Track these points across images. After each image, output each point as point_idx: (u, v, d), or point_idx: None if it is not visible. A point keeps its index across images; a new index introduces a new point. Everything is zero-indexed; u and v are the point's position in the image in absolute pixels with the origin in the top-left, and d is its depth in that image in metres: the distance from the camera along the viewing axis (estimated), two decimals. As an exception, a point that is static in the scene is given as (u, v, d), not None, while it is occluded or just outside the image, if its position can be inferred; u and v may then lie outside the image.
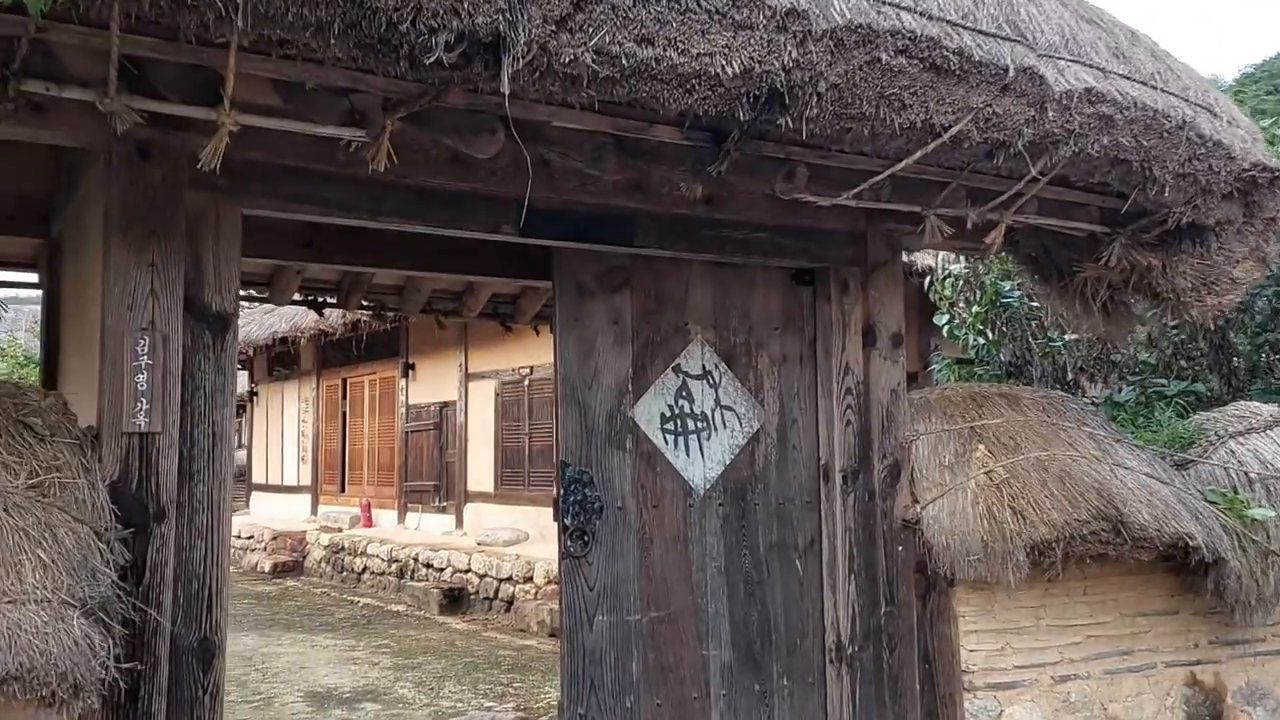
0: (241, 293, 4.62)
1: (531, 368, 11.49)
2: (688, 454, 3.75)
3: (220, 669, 2.80)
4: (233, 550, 15.77)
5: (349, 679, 7.56)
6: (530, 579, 9.94)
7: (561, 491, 3.50)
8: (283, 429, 17.14)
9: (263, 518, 16.74)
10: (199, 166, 2.64)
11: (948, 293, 7.73)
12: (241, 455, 19.95)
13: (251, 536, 15.26)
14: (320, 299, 4.82)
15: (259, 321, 16.09)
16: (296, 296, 4.81)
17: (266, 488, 17.62)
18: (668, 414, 3.74)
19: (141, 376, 2.65)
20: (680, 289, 3.81)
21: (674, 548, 3.70)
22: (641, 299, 3.73)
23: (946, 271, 7.77)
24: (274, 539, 14.53)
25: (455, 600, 10.52)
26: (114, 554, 2.51)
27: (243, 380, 21.38)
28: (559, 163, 3.29)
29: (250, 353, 16.32)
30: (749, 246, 3.77)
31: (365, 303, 4.94)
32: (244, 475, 19.01)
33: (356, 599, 11.49)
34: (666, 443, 3.73)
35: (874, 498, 3.96)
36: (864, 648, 3.88)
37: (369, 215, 3.12)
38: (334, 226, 3.63)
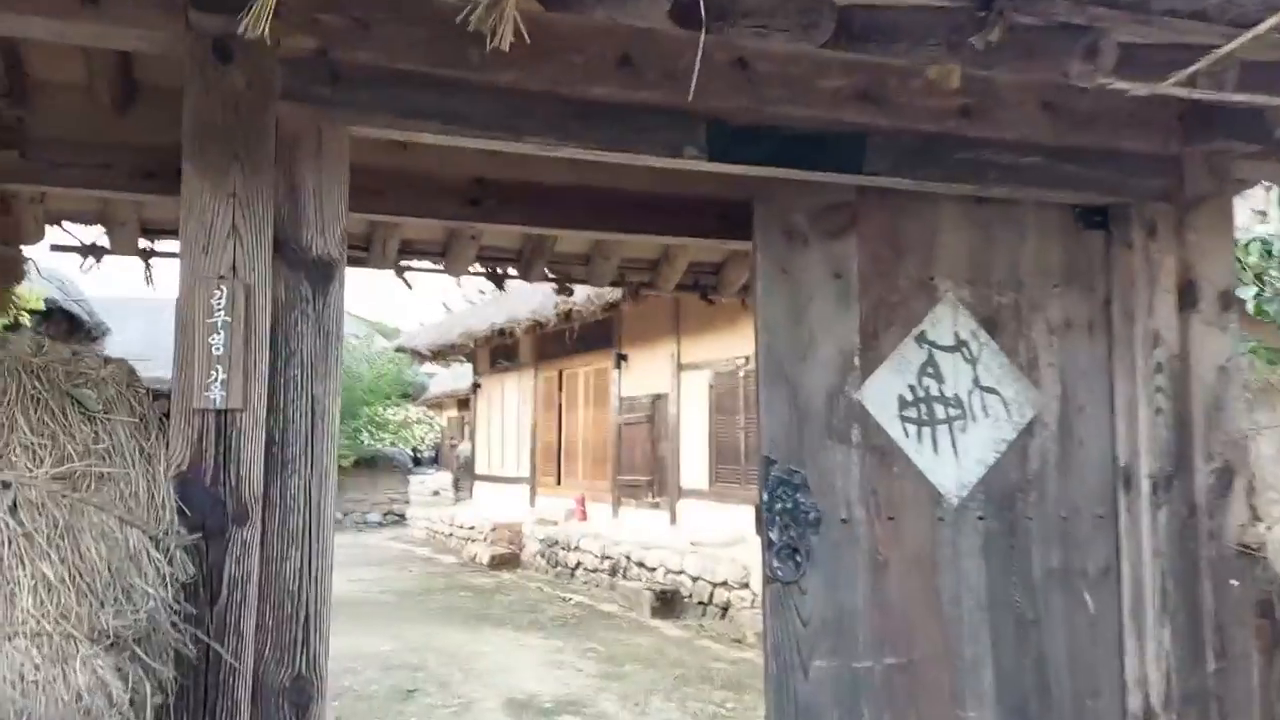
0: (413, 263, 4.12)
1: (746, 358, 10.68)
2: (935, 450, 2.84)
3: (320, 717, 2.19)
4: (454, 540, 16.02)
5: (551, 685, 7.05)
6: (746, 585, 9.14)
7: (765, 496, 2.69)
8: (503, 420, 17.20)
9: (485, 509, 16.84)
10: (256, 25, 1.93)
11: (1254, 260, 6.30)
12: (467, 446, 20.33)
13: (473, 527, 15.33)
14: (500, 269, 4.25)
15: (479, 314, 16.20)
16: (475, 267, 4.25)
17: (489, 478, 17.75)
18: (908, 397, 2.85)
19: (217, 338, 2.08)
20: (924, 233, 2.91)
21: (917, 574, 2.80)
22: (871, 246, 2.85)
23: (1250, 234, 6.35)
24: (493, 530, 14.47)
25: (668, 603, 9.88)
26: (174, 565, 1.93)
27: (467, 372, 21.83)
28: (762, 65, 2.48)
29: (472, 344, 16.45)
30: (1019, 174, 2.81)
31: (549, 274, 4.33)
32: (469, 466, 19.33)
33: (568, 596, 11.09)
34: (907, 435, 2.84)
35: (1196, 513, 2.91)
36: (1184, 716, 2.83)
37: (509, 134, 2.42)
38: (503, 183, 2.99)
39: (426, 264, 4.10)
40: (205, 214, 2.11)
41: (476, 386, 18.37)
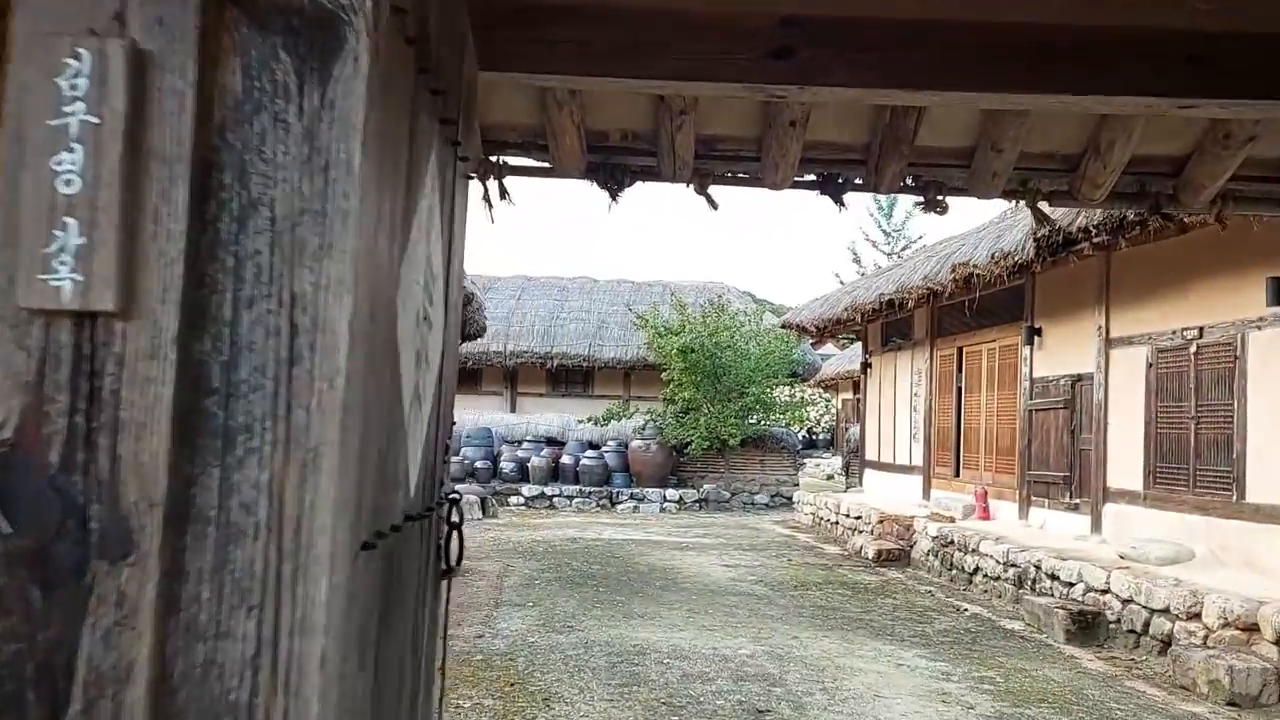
0: (718, 167, 3.09)
1: (1200, 328, 8.51)
2: None
3: None
4: (839, 529, 14.93)
5: (931, 727, 5.80)
6: (1197, 615, 7.17)
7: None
8: (895, 403, 15.79)
9: (873, 498, 15.58)
10: None
11: None
12: (857, 430, 19.11)
13: (859, 517, 14.15)
14: (839, 176, 3.08)
15: (866, 284, 14.94)
16: (799, 178, 3.13)
17: (879, 465, 16.44)
18: None
19: (70, 159, 1.13)
20: None
21: None
22: None
23: None
24: (880, 523, 13.20)
25: (1087, 627, 8.09)
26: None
27: (857, 350, 20.58)
28: None
29: (860, 319, 15.23)
30: None
31: (908, 181, 3.08)
32: (859, 451, 18.13)
33: (963, 605, 9.59)
34: None
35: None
36: None
37: None
38: (824, 23, 1.88)
39: (735, 172, 3.06)
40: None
41: (866, 366, 17.10)
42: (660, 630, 7.96)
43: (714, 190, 3.24)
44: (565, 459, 19.56)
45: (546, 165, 3.08)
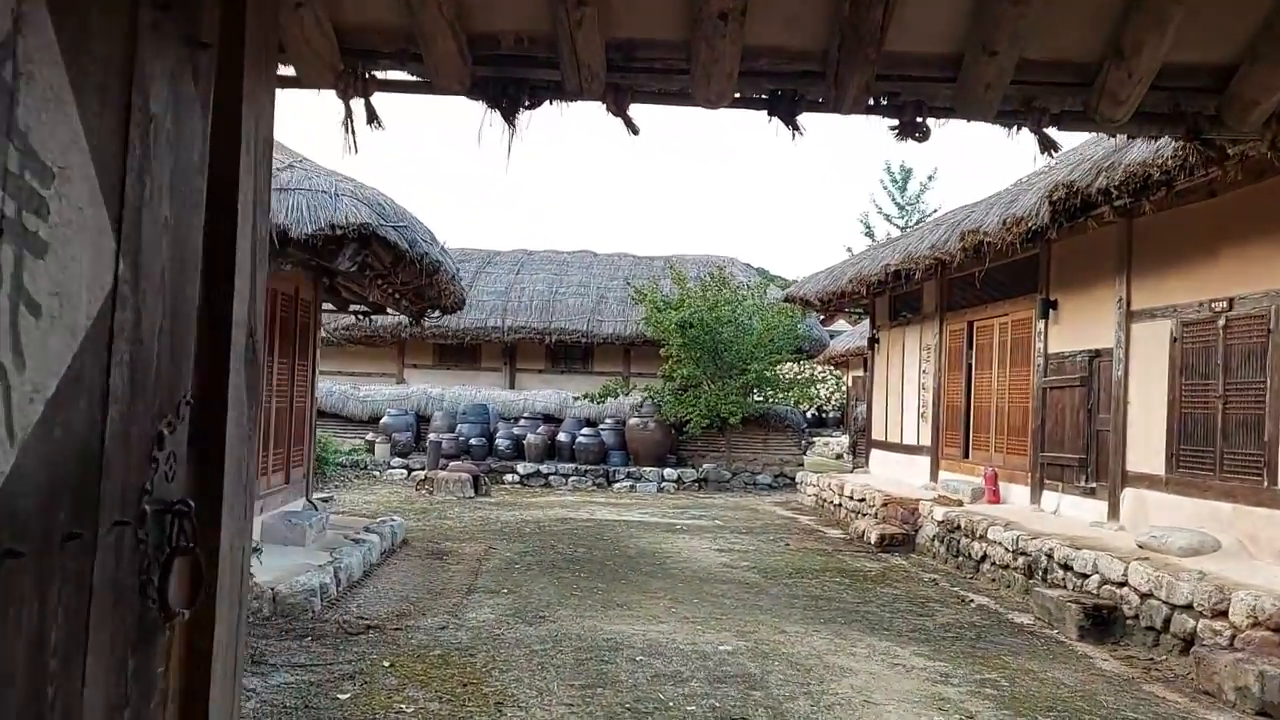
0: (638, 81, 2.45)
1: (1230, 300, 7.81)
2: None
3: None
4: (842, 512, 14.30)
5: (919, 740, 5.21)
6: (1224, 613, 6.53)
7: None
8: (902, 379, 15.12)
9: (878, 479, 14.94)
10: None
11: None
12: (863, 409, 18.45)
13: (863, 499, 13.53)
14: (793, 91, 2.40)
15: (872, 255, 14.26)
16: (742, 96, 2.47)
17: (885, 445, 15.80)
18: None
19: None
20: None
21: None
22: None
23: None
24: (884, 506, 12.57)
25: (1101, 623, 7.46)
26: None
27: (864, 326, 19.87)
28: None
29: (866, 291, 14.54)
30: None
31: (878, 98, 2.41)
32: (865, 430, 17.50)
33: (969, 596, 8.97)
34: None
35: None
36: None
37: None
38: None
39: (660, 87, 2.40)
40: None
41: (874, 342, 16.42)
42: (638, 622, 7.37)
43: (654, 117, 2.60)
44: (562, 436, 18.98)
45: (423, 80, 2.45)
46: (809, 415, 31.67)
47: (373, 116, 2.50)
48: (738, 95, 2.48)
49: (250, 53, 1.75)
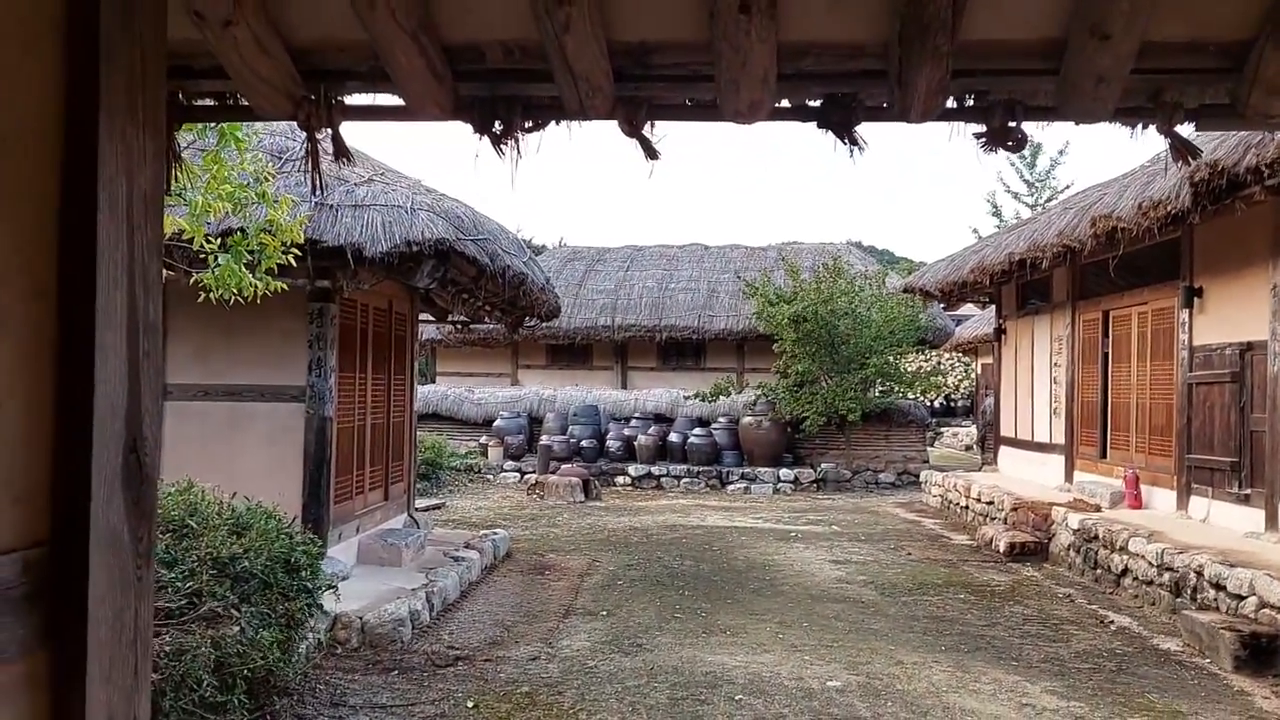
0: (655, 93, 2.01)
1: None
2: None
3: None
4: (969, 515, 13.46)
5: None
6: None
7: None
8: (1032, 372, 14.16)
9: (1007, 479, 14.04)
10: None
11: None
12: (990, 402, 17.45)
13: (991, 502, 12.69)
14: (840, 95, 1.89)
15: (996, 243, 13.38)
16: (782, 105, 2.00)
17: (1014, 442, 14.85)
18: None
19: None
20: None
21: None
22: None
23: None
24: (1014, 510, 11.73)
25: (1260, 653, 6.63)
26: None
27: (990, 315, 18.78)
28: None
29: (989, 280, 13.66)
30: None
31: (958, 103, 1.91)
32: (992, 425, 16.54)
33: (1108, 616, 8.17)
34: None
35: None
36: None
37: None
38: None
39: (680, 99, 1.93)
40: None
41: (1000, 333, 15.46)
42: (741, 652, 6.91)
43: (673, 133, 2.15)
44: (673, 437, 18.57)
45: (398, 104, 2.06)
46: (936, 405, 30.43)
47: (341, 150, 2.13)
48: (781, 104, 2.01)
49: (111, 82, 1.38)
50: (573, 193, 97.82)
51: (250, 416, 7.97)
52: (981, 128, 2.07)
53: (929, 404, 26.43)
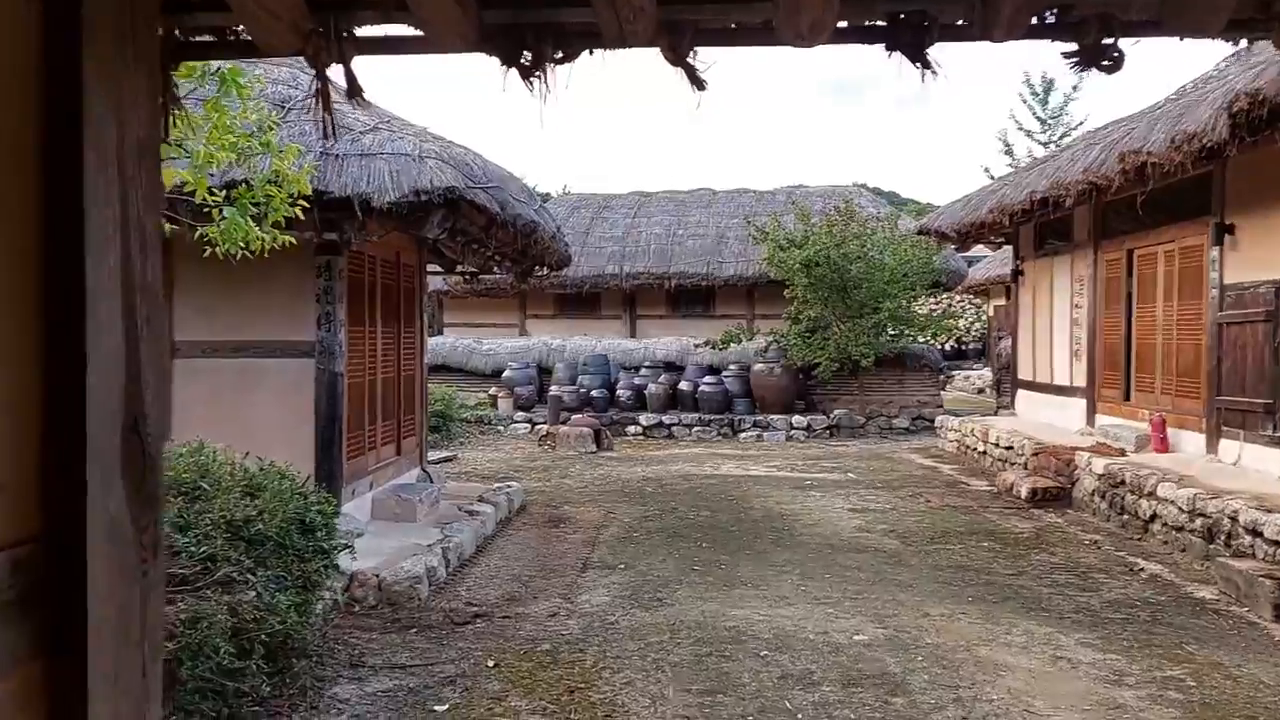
0: (700, 14, 1.77)
1: None
2: None
3: None
4: (988, 460, 13.30)
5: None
6: None
7: None
8: (1051, 314, 13.90)
9: (1026, 423, 13.86)
10: None
11: None
12: (1008, 344, 17.23)
13: (1010, 447, 12.54)
14: (913, 13, 1.68)
15: (1015, 182, 13.05)
16: (845, 24, 1.77)
17: (1033, 385, 14.65)
18: None
19: None
20: None
21: None
22: None
23: None
24: (1035, 455, 11.57)
25: (1302, 601, 6.48)
26: None
27: (1006, 252, 18.47)
28: None
29: (1008, 221, 13.35)
30: None
31: (1046, 18, 1.68)
32: (1009, 367, 16.32)
33: (1138, 563, 8.03)
34: None
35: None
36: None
37: None
38: None
39: (731, 21, 1.70)
40: None
41: (1018, 274, 15.17)
42: (764, 605, 6.79)
43: (718, 61, 1.92)
44: (684, 385, 18.40)
45: (415, 35, 1.83)
46: (947, 348, 30.20)
47: (354, 88, 1.91)
48: (842, 25, 1.77)
49: (97, 15, 1.16)
50: (575, 139, 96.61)
51: (260, 373, 7.80)
52: (1073, 46, 1.84)
53: (940, 347, 26.21)
